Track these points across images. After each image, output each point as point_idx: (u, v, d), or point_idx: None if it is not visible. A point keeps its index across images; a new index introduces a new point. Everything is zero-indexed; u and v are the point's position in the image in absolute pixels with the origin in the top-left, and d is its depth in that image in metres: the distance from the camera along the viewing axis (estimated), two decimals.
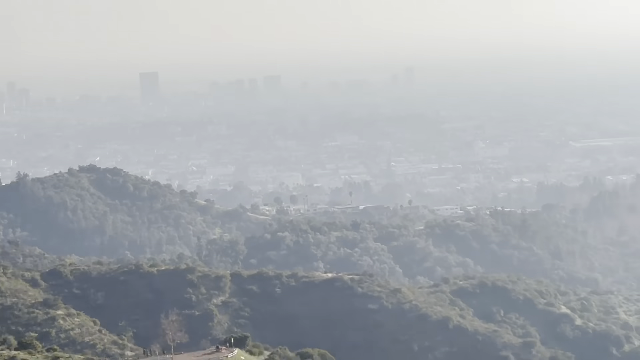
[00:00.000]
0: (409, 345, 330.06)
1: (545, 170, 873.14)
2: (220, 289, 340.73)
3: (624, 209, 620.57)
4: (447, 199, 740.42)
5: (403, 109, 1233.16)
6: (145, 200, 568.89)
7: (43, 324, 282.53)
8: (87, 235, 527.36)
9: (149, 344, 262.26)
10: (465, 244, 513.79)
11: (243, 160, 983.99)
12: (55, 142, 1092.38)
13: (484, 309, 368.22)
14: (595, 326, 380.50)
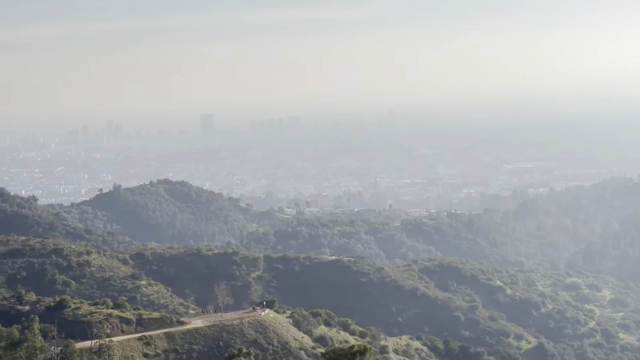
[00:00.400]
0: (389, 307, 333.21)
1: (485, 184, 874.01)
2: (256, 266, 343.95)
3: (541, 212, 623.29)
4: (416, 204, 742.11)
5: (385, 141, 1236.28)
6: (204, 204, 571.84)
7: (131, 290, 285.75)
8: (162, 228, 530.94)
9: (206, 305, 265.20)
10: (429, 236, 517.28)
11: (272, 176, 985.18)
12: (141, 163, 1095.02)
13: (442, 282, 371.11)
14: (521, 295, 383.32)
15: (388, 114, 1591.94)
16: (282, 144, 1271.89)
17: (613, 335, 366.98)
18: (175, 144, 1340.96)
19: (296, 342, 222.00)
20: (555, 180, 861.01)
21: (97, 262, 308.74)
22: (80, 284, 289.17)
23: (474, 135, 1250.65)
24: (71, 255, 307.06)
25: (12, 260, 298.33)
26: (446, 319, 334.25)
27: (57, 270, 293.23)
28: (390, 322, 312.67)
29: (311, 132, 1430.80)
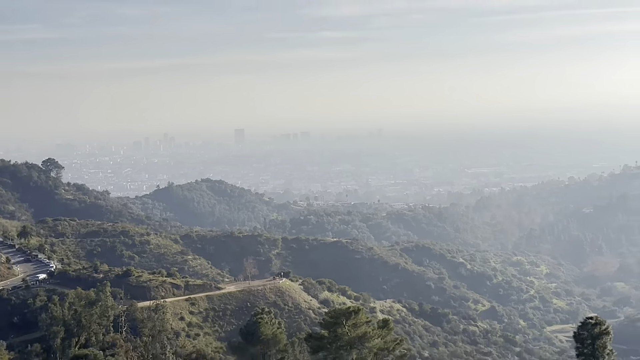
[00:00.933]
0: (377, 277, 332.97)
1: (451, 184, 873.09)
2: (276, 246, 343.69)
3: (494, 206, 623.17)
4: (398, 199, 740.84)
5: (375, 151, 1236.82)
6: (236, 198, 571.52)
7: (180, 263, 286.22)
8: (205, 216, 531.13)
9: (237, 275, 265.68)
10: (408, 223, 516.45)
11: (289, 177, 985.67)
12: (188, 166, 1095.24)
13: (418, 259, 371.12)
14: (478, 269, 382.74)
15: (377, 130, 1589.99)
16: (296, 152, 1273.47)
17: (548, 301, 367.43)
18: (214, 152, 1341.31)
19: (306, 304, 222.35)
20: (505, 181, 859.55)
21: (155, 241, 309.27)
22: (141, 257, 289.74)
23: (443, 147, 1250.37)
24: (135, 235, 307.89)
25: (90, 239, 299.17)
26: (420, 287, 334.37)
27: (124, 247, 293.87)
28: (377, 289, 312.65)
29: (318, 144, 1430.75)
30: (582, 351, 77.54)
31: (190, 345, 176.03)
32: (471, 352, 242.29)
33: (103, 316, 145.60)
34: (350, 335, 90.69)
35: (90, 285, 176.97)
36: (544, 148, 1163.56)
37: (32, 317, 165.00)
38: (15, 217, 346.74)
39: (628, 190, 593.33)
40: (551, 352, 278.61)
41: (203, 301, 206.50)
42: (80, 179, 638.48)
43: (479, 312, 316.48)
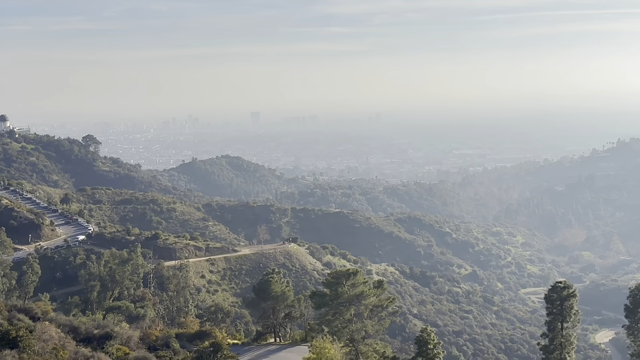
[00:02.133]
0: (373, 244, 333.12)
1: (440, 164, 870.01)
2: (285, 215, 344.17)
3: (477, 183, 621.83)
4: (393, 176, 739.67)
5: (374, 133, 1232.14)
6: (251, 172, 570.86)
7: (202, 228, 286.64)
8: (224, 187, 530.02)
9: (251, 240, 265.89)
10: (402, 197, 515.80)
11: (298, 154, 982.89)
12: (210, 144, 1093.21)
13: (409, 228, 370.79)
14: (462, 238, 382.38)
15: (376, 115, 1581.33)
16: (305, 133, 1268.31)
17: (523, 266, 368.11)
18: (233, 131, 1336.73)
19: (311, 265, 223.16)
20: (487, 162, 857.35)
21: (180, 209, 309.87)
22: (168, 223, 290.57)
23: (434, 130, 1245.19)
24: (163, 203, 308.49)
25: (123, 206, 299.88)
26: (411, 253, 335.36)
27: (153, 213, 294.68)
28: (374, 254, 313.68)
29: (324, 126, 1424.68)
30: (552, 311, 77.88)
31: (209, 300, 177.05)
32: (454, 310, 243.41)
33: (134, 273, 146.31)
34: (349, 293, 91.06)
35: (123, 246, 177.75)
36: (523, 133, 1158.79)
37: (72, 273, 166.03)
38: (59, 185, 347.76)
39: (595, 171, 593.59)
40: (524, 311, 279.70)
41: (221, 262, 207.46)
42: (115, 154, 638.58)
43: (462, 276, 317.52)
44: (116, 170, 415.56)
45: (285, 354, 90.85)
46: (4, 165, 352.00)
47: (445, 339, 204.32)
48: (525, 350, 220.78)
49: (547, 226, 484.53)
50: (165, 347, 76.79)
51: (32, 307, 75.43)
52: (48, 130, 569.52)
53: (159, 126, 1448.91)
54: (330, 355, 69.84)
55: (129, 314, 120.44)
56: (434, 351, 70.69)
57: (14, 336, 60.86)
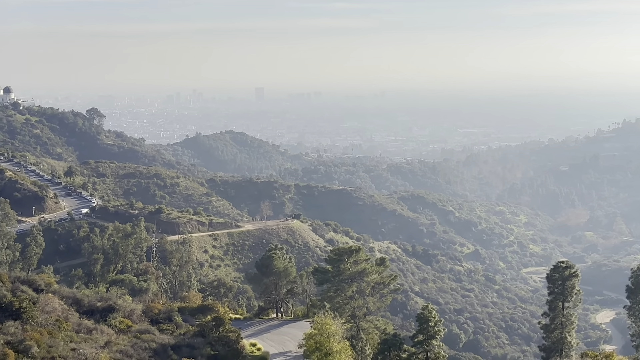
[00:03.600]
0: (376, 221, 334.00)
1: (444, 142, 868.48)
2: (289, 191, 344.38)
3: (481, 162, 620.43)
4: (397, 154, 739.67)
5: (379, 110, 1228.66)
6: (255, 148, 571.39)
7: (205, 203, 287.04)
8: (227, 163, 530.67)
9: (254, 215, 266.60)
10: (406, 175, 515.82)
11: (302, 131, 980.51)
12: (214, 119, 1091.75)
13: (412, 207, 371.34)
14: (465, 216, 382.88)
15: (381, 92, 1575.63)
16: (309, 110, 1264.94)
17: (525, 246, 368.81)
18: (237, 107, 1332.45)
19: (313, 242, 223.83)
20: (492, 141, 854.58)
21: (184, 183, 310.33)
22: (172, 197, 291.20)
23: (438, 109, 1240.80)
24: (166, 178, 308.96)
25: (127, 180, 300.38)
26: (414, 231, 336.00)
27: (156, 188, 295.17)
28: (376, 232, 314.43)
29: (329, 102, 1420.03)
30: (554, 290, 78.04)
31: (212, 275, 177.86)
32: (456, 288, 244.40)
33: (137, 247, 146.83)
34: (351, 270, 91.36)
35: (126, 219, 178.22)
36: (528, 112, 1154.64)
37: (75, 246, 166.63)
38: (62, 158, 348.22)
39: (600, 151, 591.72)
40: (526, 290, 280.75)
41: (224, 237, 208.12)
42: (120, 127, 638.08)
43: (464, 254, 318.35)
44: (120, 144, 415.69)
45: (287, 329, 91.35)
46: (8, 137, 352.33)
47: (446, 316, 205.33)
48: (526, 329, 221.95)
49: (551, 206, 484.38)
50: (167, 321, 77.25)
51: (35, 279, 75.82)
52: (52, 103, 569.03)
53: (163, 100, 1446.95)
54: (332, 331, 70.20)
55: (132, 288, 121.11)
56: (435, 329, 70.97)
57: (17, 307, 61.29)
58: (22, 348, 53.84)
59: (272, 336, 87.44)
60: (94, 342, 61.34)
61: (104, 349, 60.16)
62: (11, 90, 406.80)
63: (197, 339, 70.61)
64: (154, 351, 64.72)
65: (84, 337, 62.55)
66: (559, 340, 78.17)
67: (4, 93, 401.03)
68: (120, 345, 63.12)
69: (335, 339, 70.06)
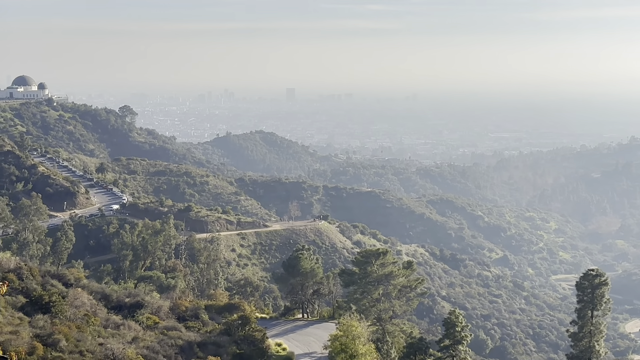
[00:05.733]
0: (404, 224, 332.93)
1: (475, 146, 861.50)
2: (317, 192, 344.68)
3: (512, 167, 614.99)
4: (427, 157, 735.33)
5: (409, 113, 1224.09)
6: (284, 148, 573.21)
7: (234, 202, 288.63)
8: (257, 163, 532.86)
9: (282, 215, 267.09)
10: (434, 179, 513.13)
11: (332, 132, 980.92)
12: (245, 118, 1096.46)
13: (441, 210, 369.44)
14: (494, 222, 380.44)
15: (413, 95, 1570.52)
16: (340, 111, 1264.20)
17: (555, 253, 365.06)
18: (268, 107, 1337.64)
19: (340, 244, 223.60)
20: (523, 146, 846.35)
21: (213, 182, 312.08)
22: (201, 196, 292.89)
23: (470, 113, 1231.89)
24: (196, 176, 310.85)
25: (157, 178, 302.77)
26: (442, 235, 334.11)
27: (186, 186, 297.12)
28: (404, 235, 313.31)
29: (359, 104, 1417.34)
30: (583, 298, 77.22)
31: (239, 273, 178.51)
32: (484, 293, 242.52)
33: (166, 244, 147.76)
34: (378, 273, 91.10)
35: (156, 217, 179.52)
36: (560, 118, 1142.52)
37: (105, 241, 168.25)
38: (94, 154, 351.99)
39: (633, 159, 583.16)
40: (555, 297, 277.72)
41: (252, 236, 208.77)
42: (151, 125, 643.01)
43: (493, 260, 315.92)
44: (151, 141, 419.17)
45: (312, 330, 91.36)
46: (42, 132, 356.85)
47: (473, 322, 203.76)
48: (554, 337, 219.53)
49: (582, 213, 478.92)
50: (194, 318, 77.69)
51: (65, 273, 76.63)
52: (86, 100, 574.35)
53: (195, 99, 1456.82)
54: (357, 333, 70.07)
55: (160, 284, 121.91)
56: (462, 334, 70.54)
57: (47, 301, 62.03)
58: (51, 341, 54.44)
59: (297, 336, 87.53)
60: (122, 338, 61.85)
61: (131, 345, 60.63)
62: (45, 86, 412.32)
63: (223, 337, 70.89)
64: (180, 348, 65.10)
65: (112, 332, 63.11)
66: (587, 349, 77.25)
67: (39, 89, 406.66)
68: (147, 341, 63.57)
69: (360, 341, 69.91)
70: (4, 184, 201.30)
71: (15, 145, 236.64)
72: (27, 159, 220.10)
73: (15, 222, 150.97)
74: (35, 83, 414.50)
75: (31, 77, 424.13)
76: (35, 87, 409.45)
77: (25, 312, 60.69)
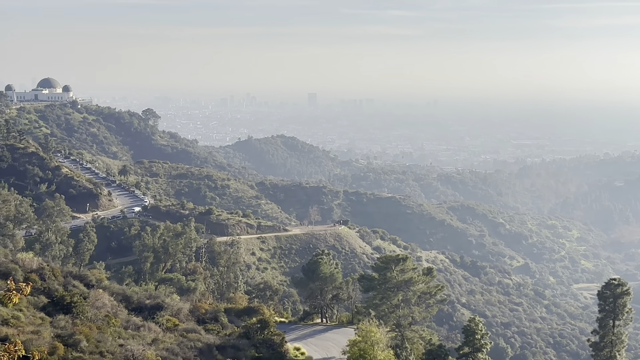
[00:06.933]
0: (424, 231, 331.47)
1: (497, 153, 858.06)
2: (337, 197, 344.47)
3: (534, 174, 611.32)
4: (448, 163, 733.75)
5: (430, 119, 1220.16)
6: (305, 153, 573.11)
7: (254, 206, 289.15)
8: (277, 167, 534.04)
9: (302, 220, 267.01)
10: (456, 185, 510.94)
11: (353, 137, 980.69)
12: (266, 122, 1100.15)
13: (462, 217, 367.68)
14: (515, 229, 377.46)
15: (434, 101, 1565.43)
16: (361, 116, 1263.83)
17: (577, 261, 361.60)
18: (289, 111, 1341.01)
19: (360, 249, 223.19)
20: (545, 153, 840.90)
21: (234, 185, 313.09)
22: (222, 199, 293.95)
23: (491, 119, 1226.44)
24: (217, 179, 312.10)
25: (179, 180, 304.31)
26: (463, 241, 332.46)
27: (207, 189, 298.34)
28: (424, 241, 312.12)
29: (380, 109, 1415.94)
30: (604, 308, 76.46)
31: (259, 277, 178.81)
32: (504, 301, 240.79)
33: (187, 247, 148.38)
34: (397, 279, 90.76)
35: (177, 219, 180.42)
36: (583, 126, 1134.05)
37: (127, 243, 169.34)
38: (117, 157, 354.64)
39: None
40: (576, 306, 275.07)
41: (272, 240, 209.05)
42: (174, 128, 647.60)
43: (514, 268, 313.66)
44: (173, 144, 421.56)
45: (331, 335, 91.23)
46: (66, 134, 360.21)
47: (493, 330, 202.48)
48: (575, 346, 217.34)
49: (604, 222, 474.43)
50: (213, 321, 77.88)
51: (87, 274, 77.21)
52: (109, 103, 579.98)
53: (217, 103, 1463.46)
54: (376, 339, 69.84)
55: (180, 287, 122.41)
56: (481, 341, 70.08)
57: (68, 302, 62.49)
58: (72, 342, 54.82)
59: (316, 341, 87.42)
60: (142, 339, 62.14)
61: (151, 346, 60.89)
62: (70, 88, 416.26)
63: (242, 340, 70.99)
64: (199, 350, 65.27)
65: (132, 333, 63.42)
66: (608, 358, 76.47)
67: (63, 91, 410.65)
68: (167, 343, 63.81)
69: (379, 347, 69.67)
70: (28, 185, 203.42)
71: (40, 147, 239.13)
72: (51, 161, 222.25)
73: (38, 222, 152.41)
74: (59, 85, 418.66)
75: (56, 80, 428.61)
76: (59, 89, 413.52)
77: (47, 312, 61.16)
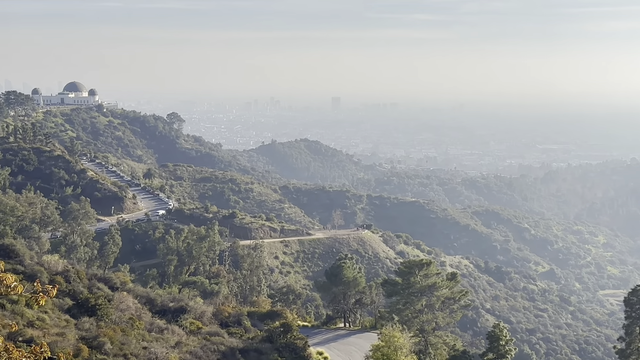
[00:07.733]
0: (449, 235, 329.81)
1: (522, 157, 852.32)
2: (361, 201, 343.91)
3: (560, 179, 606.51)
4: (473, 168, 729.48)
5: (456, 123, 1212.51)
6: (329, 157, 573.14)
7: (278, 210, 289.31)
8: (301, 171, 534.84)
9: (326, 224, 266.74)
10: (480, 190, 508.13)
11: (376, 141, 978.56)
12: (290, 126, 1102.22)
13: (487, 222, 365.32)
14: (541, 234, 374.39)
15: (460, 105, 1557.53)
16: (384, 120, 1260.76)
17: (603, 267, 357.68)
18: (313, 115, 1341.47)
19: (384, 253, 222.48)
20: (571, 158, 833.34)
21: (258, 189, 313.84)
22: (245, 202, 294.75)
23: (517, 123, 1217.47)
24: (241, 183, 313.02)
25: (203, 184, 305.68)
26: (487, 246, 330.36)
27: (231, 193, 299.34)
28: (448, 246, 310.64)
29: (404, 114, 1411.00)
30: (631, 314, 75.57)
31: (282, 281, 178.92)
32: (529, 307, 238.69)
33: (210, 250, 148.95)
34: (421, 284, 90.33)
35: (201, 222, 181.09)
36: (610, 130, 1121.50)
37: (151, 246, 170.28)
38: (142, 160, 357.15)
39: None
40: (602, 313, 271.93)
41: (295, 244, 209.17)
42: (198, 132, 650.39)
43: (539, 273, 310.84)
44: (198, 148, 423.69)
45: (354, 340, 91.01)
46: (91, 138, 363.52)
47: (517, 336, 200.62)
48: (600, 353, 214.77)
49: (631, 227, 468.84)
50: (236, 324, 78.02)
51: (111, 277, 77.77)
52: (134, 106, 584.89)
53: (241, 107, 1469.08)
54: (400, 344, 69.50)
55: (204, 290, 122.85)
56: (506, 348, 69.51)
57: (93, 304, 62.93)
58: (96, 344, 55.17)
59: (339, 345, 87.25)
60: (165, 342, 62.38)
61: (174, 349, 61.10)
62: (96, 92, 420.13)
63: (264, 344, 71.02)
64: (222, 354, 65.37)
65: (156, 336, 63.69)
66: None
67: (89, 95, 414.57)
68: (190, 346, 64.00)
69: (402, 352, 69.32)
70: (53, 188, 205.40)
71: (66, 150, 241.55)
72: (77, 164, 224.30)
73: (64, 225, 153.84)
74: (85, 89, 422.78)
75: (82, 84, 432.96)
76: (85, 93, 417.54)
77: (72, 314, 61.64)
